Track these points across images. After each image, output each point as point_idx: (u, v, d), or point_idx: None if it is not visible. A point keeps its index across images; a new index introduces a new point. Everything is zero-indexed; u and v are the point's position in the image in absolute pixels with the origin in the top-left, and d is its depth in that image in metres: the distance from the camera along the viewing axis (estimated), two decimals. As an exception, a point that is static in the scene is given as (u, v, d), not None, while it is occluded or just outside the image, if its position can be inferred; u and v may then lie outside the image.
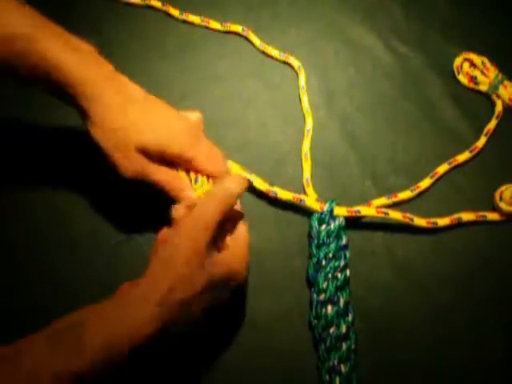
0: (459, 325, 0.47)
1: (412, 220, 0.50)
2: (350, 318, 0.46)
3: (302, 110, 0.58)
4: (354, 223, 0.51)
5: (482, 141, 0.56)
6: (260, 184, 0.51)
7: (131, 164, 0.43)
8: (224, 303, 0.41)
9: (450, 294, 0.48)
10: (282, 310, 0.48)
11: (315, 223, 0.49)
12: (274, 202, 0.52)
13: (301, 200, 0.50)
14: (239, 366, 0.45)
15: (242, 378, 0.45)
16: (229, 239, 0.42)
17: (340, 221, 0.49)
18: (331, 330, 0.45)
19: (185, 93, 0.58)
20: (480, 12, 0.65)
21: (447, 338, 0.47)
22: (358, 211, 0.49)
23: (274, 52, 0.61)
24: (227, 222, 0.41)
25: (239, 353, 0.46)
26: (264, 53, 0.61)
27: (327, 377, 0.44)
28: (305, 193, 0.53)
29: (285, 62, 0.61)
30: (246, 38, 0.62)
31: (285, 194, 0.50)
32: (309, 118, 0.57)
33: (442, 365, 0.46)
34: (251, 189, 0.51)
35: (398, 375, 0.46)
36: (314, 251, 0.48)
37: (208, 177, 0.45)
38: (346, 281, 0.47)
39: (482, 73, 0.59)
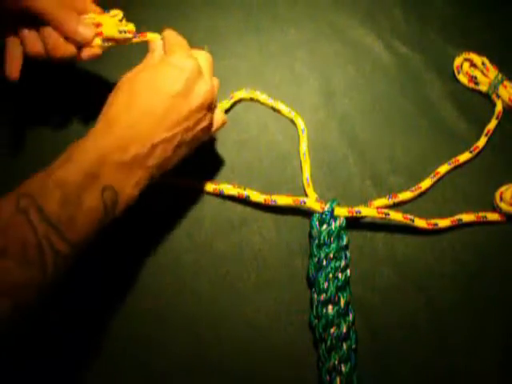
0: (459, 325, 0.47)
1: (413, 221, 0.50)
2: (350, 317, 0.46)
3: (286, 114, 0.57)
4: (354, 223, 0.51)
5: (482, 141, 0.56)
6: (257, 197, 0.50)
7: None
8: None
9: (450, 294, 0.49)
10: (282, 309, 0.47)
11: (316, 223, 0.49)
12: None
13: (301, 201, 0.49)
14: (239, 366, 0.45)
15: (242, 378, 0.45)
16: None
17: (341, 221, 0.48)
18: (332, 330, 0.45)
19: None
20: (479, 12, 0.66)
21: (447, 338, 0.47)
22: (359, 211, 0.49)
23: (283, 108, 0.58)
24: None
25: (239, 352, 0.46)
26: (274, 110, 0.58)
27: (327, 377, 0.44)
28: (305, 193, 0.53)
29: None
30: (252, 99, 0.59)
31: (284, 200, 0.50)
32: (297, 119, 0.56)
33: (441, 365, 0.46)
34: (249, 201, 0.51)
35: (398, 375, 0.46)
36: (315, 251, 0.48)
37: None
38: (347, 281, 0.47)
39: (482, 73, 0.59)
